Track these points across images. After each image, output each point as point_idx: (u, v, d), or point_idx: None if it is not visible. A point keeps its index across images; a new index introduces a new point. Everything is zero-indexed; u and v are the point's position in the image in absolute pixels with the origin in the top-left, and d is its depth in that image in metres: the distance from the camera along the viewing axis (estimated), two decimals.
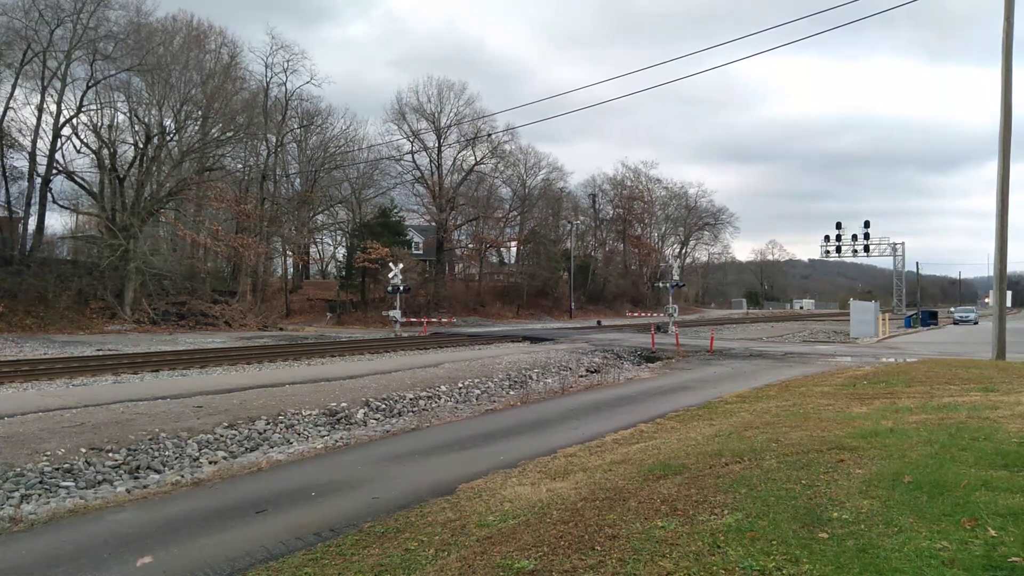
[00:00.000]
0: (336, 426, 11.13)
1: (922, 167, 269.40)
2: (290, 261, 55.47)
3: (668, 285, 38.08)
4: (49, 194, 35.13)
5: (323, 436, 10.51)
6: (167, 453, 8.93)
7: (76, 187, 37.23)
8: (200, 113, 38.20)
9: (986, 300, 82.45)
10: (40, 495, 7.35)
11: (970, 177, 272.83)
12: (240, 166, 46.71)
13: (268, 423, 10.52)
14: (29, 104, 33.91)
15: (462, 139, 54.70)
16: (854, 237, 61.25)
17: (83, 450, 8.39)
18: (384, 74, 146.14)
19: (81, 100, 33.92)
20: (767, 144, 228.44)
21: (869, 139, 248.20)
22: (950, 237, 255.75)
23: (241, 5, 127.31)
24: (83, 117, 34.70)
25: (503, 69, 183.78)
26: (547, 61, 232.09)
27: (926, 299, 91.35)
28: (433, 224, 57.02)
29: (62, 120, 33.90)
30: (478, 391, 14.76)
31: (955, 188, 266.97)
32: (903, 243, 66.13)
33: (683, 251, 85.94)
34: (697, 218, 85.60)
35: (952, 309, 65.89)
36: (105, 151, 35.53)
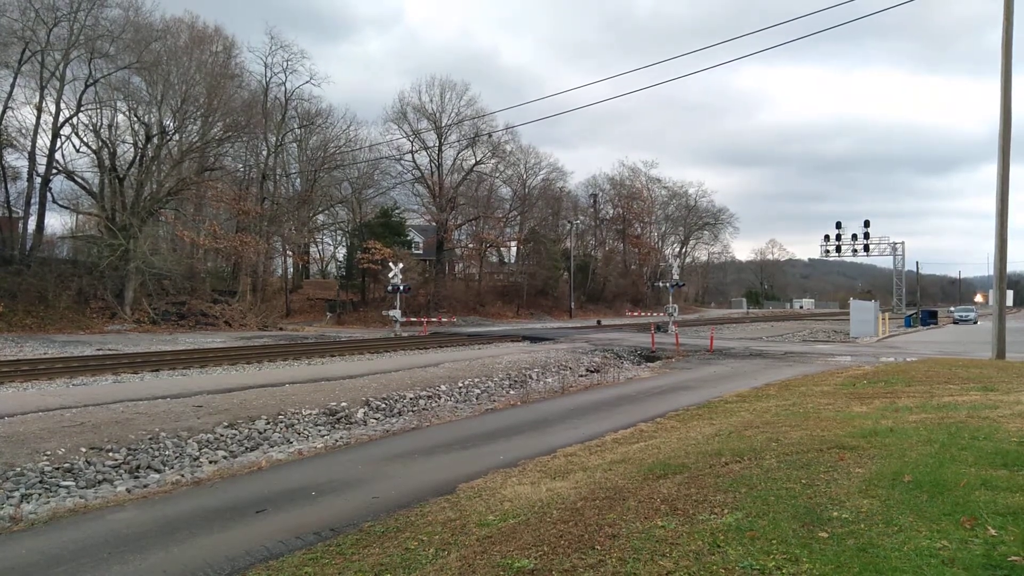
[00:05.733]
0: (336, 425, 11.12)
1: (918, 170, 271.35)
2: (290, 261, 55.46)
3: (668, 284, 38.08)
4: (49, 194, 35.12)
5: (323, 435, 10.51)
6: (167, 452, 8.92)
7: (76, 187, 37.22)
8: (200, 112, 38.19)
9: (977, 299, 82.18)
10: (40, 495, 7.35)
11: (966, 179, 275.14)
12: (240, 166, 46.74)
13: (268, 422, 10.52)
14: (28, 104, 33.90)
15: (463, 139, 54.67)
16: (854, 237, 61.34)
17: (83, 449, 8.39)
18: (395, 82, 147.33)
19: (80, 99, 33.89)
20: (765, 148, 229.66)
21: (864, 143, 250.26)
22: (948, 237, 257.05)
23: (256, 18, 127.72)
24: (82, 117, 34.68)
25: (511, 79, 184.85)
26: (554, 72, 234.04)
27: (926, 298, 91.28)
28: (433, 224, 56.98)
29: (61, 120, 33.88)
30: (478, 391, 14.76)
31: (951, 190, 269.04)
32: (903, 243, 66.17)
33: (683, 251, 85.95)
34: (697, 218, 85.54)
35: (952, 308, 65.84)
36: (105, 151, 35.49)
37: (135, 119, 35.78)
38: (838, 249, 62.13)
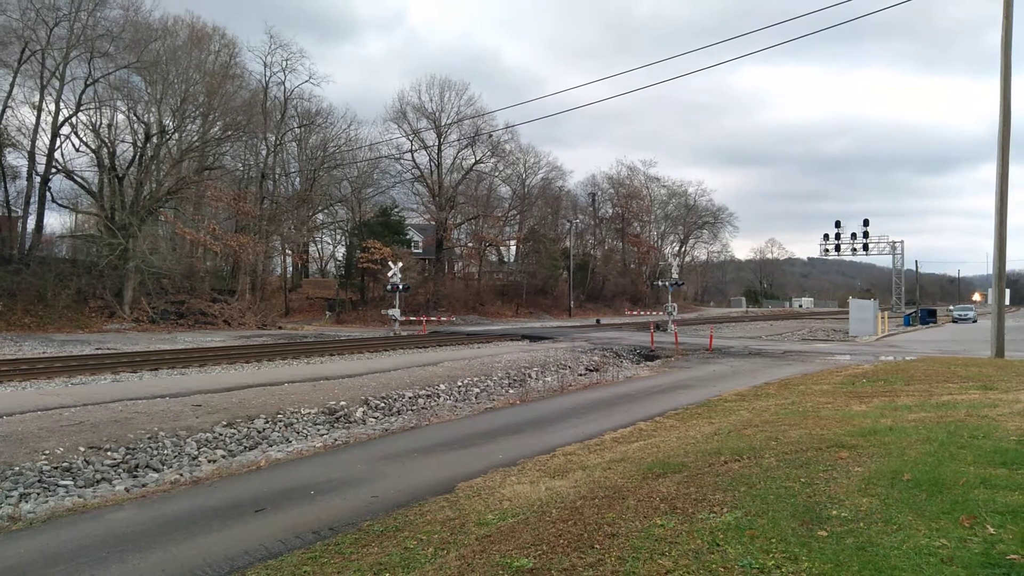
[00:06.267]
0: (335, 424, 11.12)
1: (917, 169, 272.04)
2: (289, 260, 55.45)
3: (667, 283, 38.06)
4: (48, 193, 35.06)
5: (322, 434, 10.51)
6: (166, 452, 8.92)
7: (75, 186, 37.16)
8: (199, 112, 38.16)
9: (975, 298, 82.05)
10: (39, 494, 7.35)
11: (965, 178, 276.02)
12: (240, 165, 46.71)
13: (267, 422, 10.52)
14: (28, 103, 33.85)
15: (463, 138, 54.64)
16: (853, 236, 61.25)
17: (82, 449, 8.39)
18: (397, 83, 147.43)
19: (80, 99, 33.85)
20: (765, 147, 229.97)
21: (864, 142, 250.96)
22: (948, 236, 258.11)
23: (258, 19, 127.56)
24: (82, 116, 34.62)
25: (513, 80, 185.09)
26: (555, 74, 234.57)
27: (925, 297, 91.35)
28: (432, 223, 56.97)
29: (61, 119, 33.82)
30: (477, 389, 14.75)
31: (950, 189, 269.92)
32: (902, 241, 66.05)
33: (682, 249, 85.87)
34: (696, 217, 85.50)
35: (951, 307, 65.85)
36: (104, 150, 35.43)
37: (134, 118, 35.75)
38: (837, 248, 62.07)
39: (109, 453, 8.49)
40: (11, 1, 31.70)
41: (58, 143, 34.18)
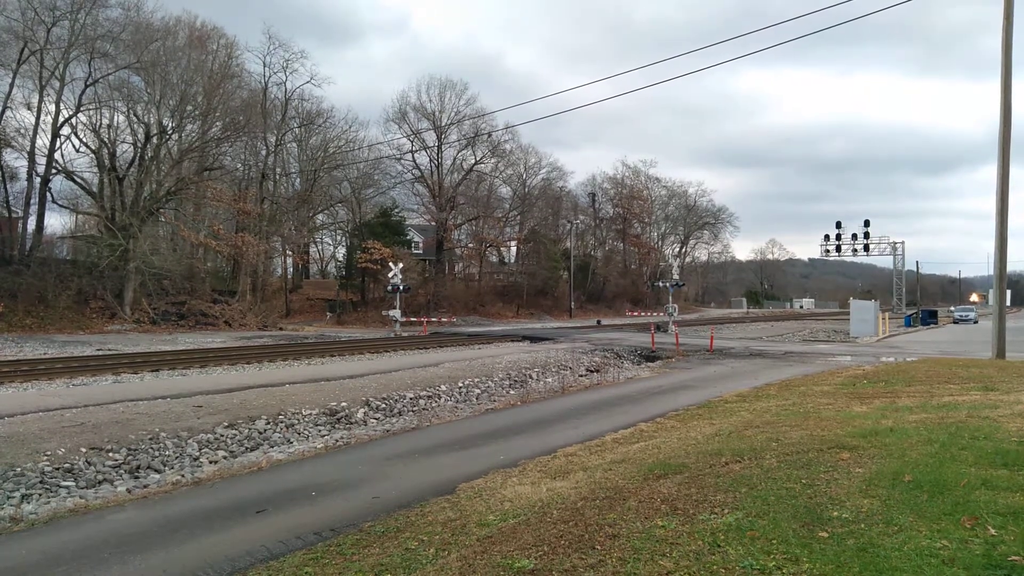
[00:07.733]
0: (336, 425, 11.12)
1: (917, 170, 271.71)
2: (290, 261, 55.48)
3: (668, 284, 38.08)
4: (48, 194, 35.08)
5: (323, 436, 10.51)
6: (167, 453, 8.92)
7: (75, 187, 37.18)
8: (199, 112, 38.18)
9: (973, 298, 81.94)
10: (41, 495, 7.35)
11: (965, 179, 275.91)
12: (239, 165, 46.73)
13: (268, 423, 10.52)
14: (27, 103, 33.89)
15: (463, 139, 54.67)
16: (854, 236, 61.28)
17: (83, 450, 8.39)
18: (400, 86, 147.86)
19: (80, 99, 33.87)
20: (765, 149, 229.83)
21: (863, 144, 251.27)
22: (948, 237, 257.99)
23: (261, 23, 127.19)
24: (82, 116, 34.65)
25: (515, 83, 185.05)
26: (557, 77, 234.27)
27: (926, 298, 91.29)
28: (433, 224, 57.01)
29: (61, 119, 33.85)
30: (478, 390, 14.75)
31: (950, 190, 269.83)
32: (903, 242, 66.10)
33: (683, 250, 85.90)
34: (697, 217, 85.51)
35: (952, 308, 65.83)
36: (104, 150, 35.45)
37: (134, 119, 35.78)
38: (838, 249, 62.10)
39: (111, 454, 8.50)
40: (11, 0, 31.74)
41: (58, 143, 34.24)
